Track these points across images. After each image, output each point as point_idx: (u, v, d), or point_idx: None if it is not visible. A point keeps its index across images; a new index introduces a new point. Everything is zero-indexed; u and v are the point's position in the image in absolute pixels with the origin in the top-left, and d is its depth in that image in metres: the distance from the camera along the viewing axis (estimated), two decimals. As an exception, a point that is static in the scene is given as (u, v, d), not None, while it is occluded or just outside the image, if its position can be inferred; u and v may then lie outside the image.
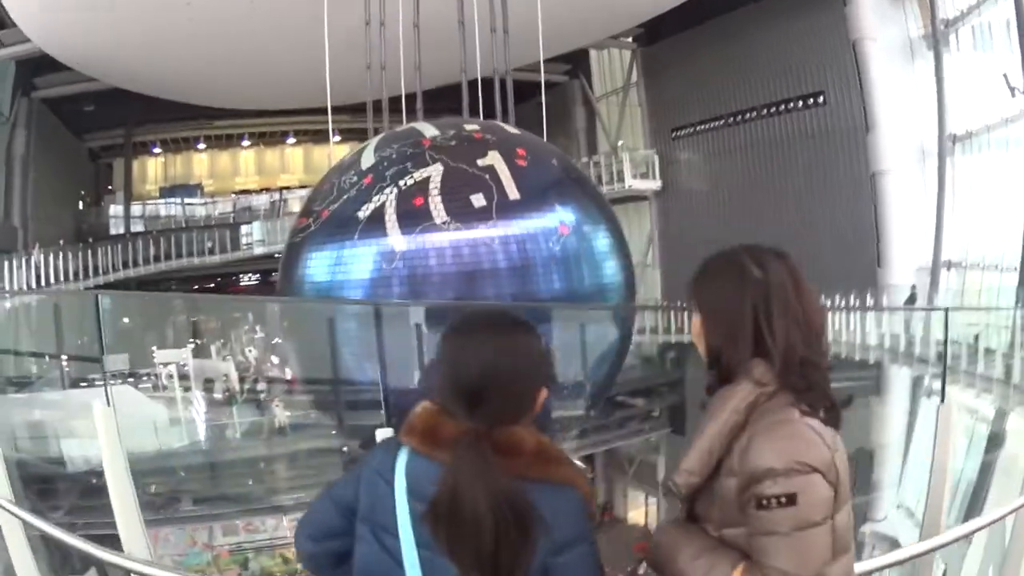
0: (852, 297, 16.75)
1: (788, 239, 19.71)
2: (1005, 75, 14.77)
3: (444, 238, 4.96)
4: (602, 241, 5.44)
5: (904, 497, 19.08)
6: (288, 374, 23.92)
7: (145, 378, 18.18)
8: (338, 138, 31.39)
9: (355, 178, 5.14)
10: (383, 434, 3.21)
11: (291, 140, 30.61)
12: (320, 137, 30.87)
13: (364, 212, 4.98)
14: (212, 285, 25.47)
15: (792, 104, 19.76)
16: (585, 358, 5.63)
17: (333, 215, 5.12)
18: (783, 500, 1.39)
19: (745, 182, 21.33)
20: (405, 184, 5.00)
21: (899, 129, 17.67)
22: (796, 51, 19.22)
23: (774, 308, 1.51)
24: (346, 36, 9.67)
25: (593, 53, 26.17)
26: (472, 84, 10.60)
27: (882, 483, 18.79)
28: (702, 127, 22.64)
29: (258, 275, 29.58)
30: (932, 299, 17.23)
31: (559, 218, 5.24)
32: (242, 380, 21.06)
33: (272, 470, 19.02)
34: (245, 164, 30.22)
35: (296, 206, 30.63)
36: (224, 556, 20.13)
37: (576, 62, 25.52)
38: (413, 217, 4.92)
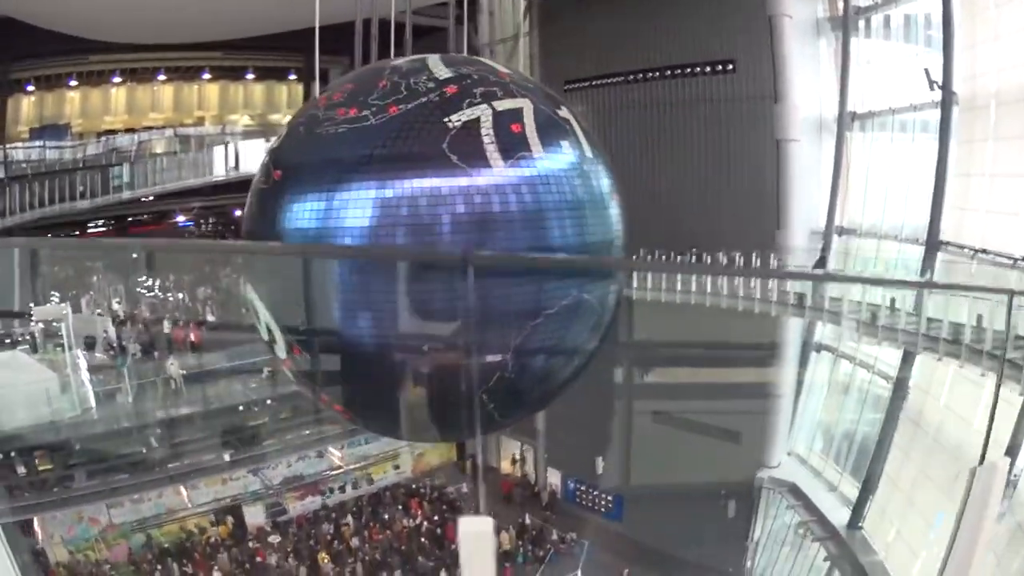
0: (754, 257, 17.67)
1: (684, 197, 20.50)
2: (926, 70, 15.35)
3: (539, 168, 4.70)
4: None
5: (795, 445, 20.62)
6: (166, 327, 22.18)
7: (20, 337, 16.39)
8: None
9: (432, 84, 4.71)
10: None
11: (162, 77, 28.36)
12: (190, 75, 29.13)
13: (456, 120, 4.59)
14: (77, 233, 23.12)
15: (700, 69, 20.17)
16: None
17: (406, 113, 4.63)
18: None
19: (641, 140, 21.55)
20: (499, 107, 4.67)
21: (804, 102, 18.67)
22: (709, 20, 19.67)
23: None
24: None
25: (484, 1, 25.71)
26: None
27: (775, 431, 20.20)
28: (598, 82, 22.59)
29: (113, 221, 27.02)
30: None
31: (610, 183, 5.03)
32: (119, 336, 19.37)
33: (170, 435, 17.71)
34: (116, 102, 27.66)
35: (160, 147, 28.20)
36: (111, 530, 18.73)
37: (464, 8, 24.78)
38: (511, 142, 4.61)
